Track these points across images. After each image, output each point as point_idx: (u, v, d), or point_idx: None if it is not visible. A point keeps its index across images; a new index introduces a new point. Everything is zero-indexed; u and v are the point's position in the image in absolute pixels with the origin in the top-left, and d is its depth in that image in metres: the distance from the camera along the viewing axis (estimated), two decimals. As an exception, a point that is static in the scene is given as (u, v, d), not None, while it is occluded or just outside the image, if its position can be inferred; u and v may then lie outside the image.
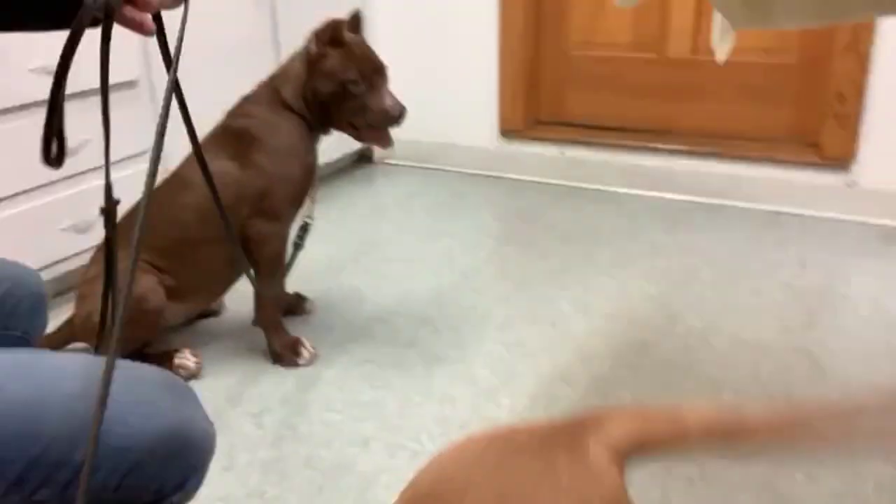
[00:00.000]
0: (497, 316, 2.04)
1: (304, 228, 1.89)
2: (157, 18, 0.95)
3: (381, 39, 3.18)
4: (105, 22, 0.87)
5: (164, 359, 1.81)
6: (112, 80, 2.20)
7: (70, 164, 2.15)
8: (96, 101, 2.11)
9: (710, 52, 1.40)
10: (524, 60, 2.97)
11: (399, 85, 3.31)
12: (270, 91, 1.77)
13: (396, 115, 1.75)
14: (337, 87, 1.72)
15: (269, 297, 1.82)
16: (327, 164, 3.11)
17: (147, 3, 0.92)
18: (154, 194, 1.83)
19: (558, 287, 2.19)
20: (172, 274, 1.79)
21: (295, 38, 1.85)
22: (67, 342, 1.90)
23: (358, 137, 1.81)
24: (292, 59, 1.79)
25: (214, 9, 2.46)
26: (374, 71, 1.74)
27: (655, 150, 2.83)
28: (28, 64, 1.96)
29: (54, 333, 1.91)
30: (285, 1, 2.70)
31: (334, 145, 3.14)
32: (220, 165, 1.75)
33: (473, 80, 3.07)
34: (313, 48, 1.72)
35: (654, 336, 1.92)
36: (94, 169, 2.17)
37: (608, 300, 2.11)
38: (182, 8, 0.95)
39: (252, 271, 1.81)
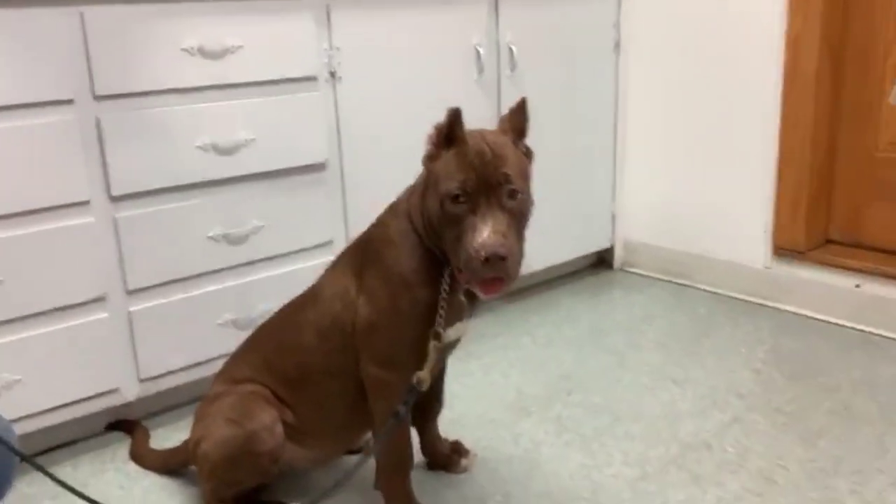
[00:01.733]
0: (716, 529, 1.42)
1: (411, 391, 1.31)
2: None
3: (636, 124, 2.68)
4: None
5: (262, 510, 1.45)
6: (299, 161, 1.98)
7: (237, 253, 1.94)
8: (273, 183, 1.90)
9: None
10: (813, 163, 2.29)
11: (651, 179, 2.80)
12: (406, 197, 1.36)
13: (481, 259, 1.14)
14: (438, 204, 1.22)
15: (388, 459, 1.39)
16: (552, 268, 2.66)
17: None
18: (287, 306, 1.53)
19: (821, 496, 1.50)
20: (294, 410, 1.44)
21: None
22: (185, 464, 1.63)
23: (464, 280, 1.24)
24: None
25: (441, 88, 2.14)
26: (483, 186, 1.18)
27: None
28: (195, 141, 1.76)
29: (176, 449, 1.65)
30: (511, 88, 2.31)
31: (560, 245, 2.69)
32: (345, 282, 1.38)
33: (744, 182, 2.43)
34: (428, 146, 1.27)
35: None
36: (264, 259, 1.93)
37: (899, 535, 1.39)
38: None
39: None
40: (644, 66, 2.61)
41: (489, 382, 2.01)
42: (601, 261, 2.88)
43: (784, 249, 2.38)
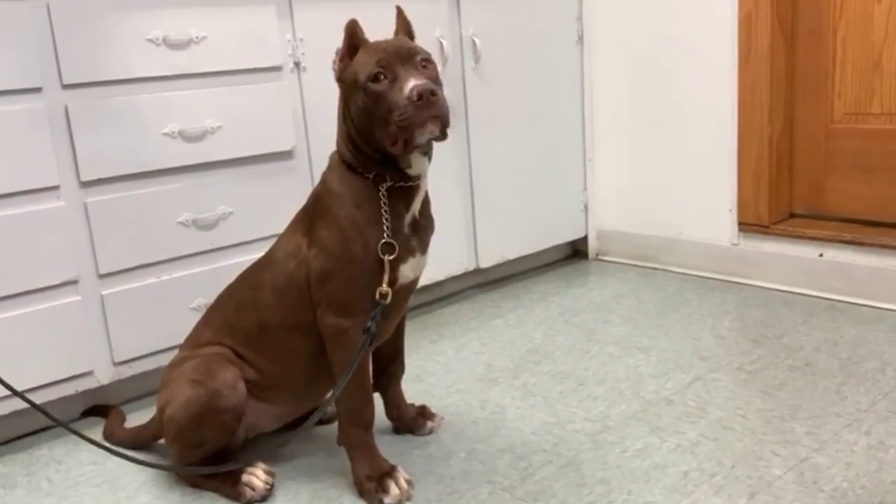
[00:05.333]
0: (672, 472, 1.44)
1: (376, 305, 1.36)
2: None
3: (602, 115, 2.75)
4: None
5: (228, 473, 1.48)
6: (266, 149, 2.03)
7: (206, 238, 1.99)
8: (242, 170, 1.95)
9: None
10: (772, 137, 2.35)
11: (618, 169, 2.85)
12: (337, 148, 1.45)
13: (414, 99, 1.22)
14: (363, 98, 1.31)
15: (349, 411, 1.43)
16: (526, 258, 2.70)
17: None
18: (243, 272, 1.58)
19: (777, 438, 1.53)
20: (257, 367, 1.48)
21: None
22: (155, 437, 1.66)
23: (406, 150, 1.31)
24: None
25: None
26: (397, 60, 1.29)
27: (958, 257, 2.04)
28: (162, 128, 1.82)
29: (145, 424, 1.68)
30: (475, 79, 2.38)
31: (533, 235, 2.73)
32: (296, 241, 1.45)
33: (708, 163, 2.49)
34: (335, 65, 1.39)
35: (917, 539, 1.21)
36: (234, 245, 1.98)
37: (848, 469, 1.41)
38: None
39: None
40: (607, 57, 2.68)
41: (460, 359, 2.05)
42: (577, 252, 2.93)
43: (749, 225, 2.43)
